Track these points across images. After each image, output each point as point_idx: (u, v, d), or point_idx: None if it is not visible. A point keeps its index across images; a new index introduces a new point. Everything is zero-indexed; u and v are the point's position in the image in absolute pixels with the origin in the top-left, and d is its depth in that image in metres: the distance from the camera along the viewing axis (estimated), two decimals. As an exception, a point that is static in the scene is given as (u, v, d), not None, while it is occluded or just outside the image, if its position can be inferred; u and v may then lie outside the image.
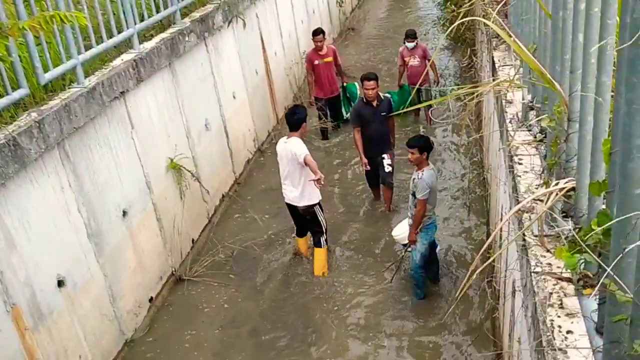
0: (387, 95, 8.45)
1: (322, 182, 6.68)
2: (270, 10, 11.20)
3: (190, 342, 6.31)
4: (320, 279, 7.07)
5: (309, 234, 7.34)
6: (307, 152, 6.69)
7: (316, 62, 10.29)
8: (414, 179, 6.24)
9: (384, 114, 8.01)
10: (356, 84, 10.64)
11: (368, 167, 8.03)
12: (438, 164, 9.03)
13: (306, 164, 6.60)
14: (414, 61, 10.39)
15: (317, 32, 10.33)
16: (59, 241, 5.17)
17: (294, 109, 7.25)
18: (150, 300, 6.65)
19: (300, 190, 6.86)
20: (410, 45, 10.38)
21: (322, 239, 7.13)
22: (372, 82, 7.86)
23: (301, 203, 6.96)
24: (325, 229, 7.15)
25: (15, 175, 4.59)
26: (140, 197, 6.47)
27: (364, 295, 6.79)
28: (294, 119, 6.88)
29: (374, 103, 7.97)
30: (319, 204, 7.02)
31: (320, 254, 7.16)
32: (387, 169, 8.06)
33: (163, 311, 6.74)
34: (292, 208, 7.15)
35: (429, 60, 10.15)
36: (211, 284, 7.10)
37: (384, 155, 8.05)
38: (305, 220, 7.19)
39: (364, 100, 8.05)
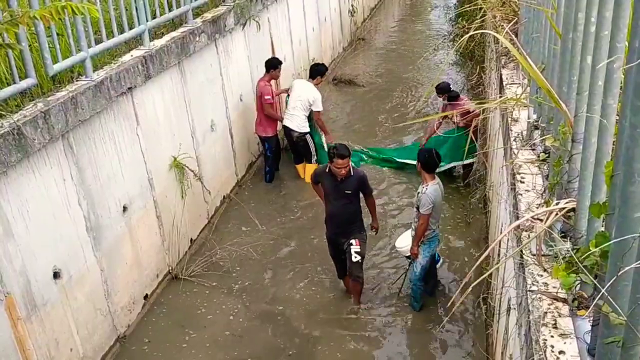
0: (359, 171, 6.56)
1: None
2: (282, 15, 11.23)
3: (182, 342, 6.29)
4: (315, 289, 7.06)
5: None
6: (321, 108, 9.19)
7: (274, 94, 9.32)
8: (418, 192, 6.23)
9: (349, 192, 6.36)
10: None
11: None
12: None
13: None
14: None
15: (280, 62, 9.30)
16: (57, 233, 5.17)
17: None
18: (145, 297, 6.64)
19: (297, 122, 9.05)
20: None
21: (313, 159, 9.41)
22: (345, 160, 6.18)
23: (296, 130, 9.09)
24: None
25: (18, 164, 4.60)
26: (141, 193, 6.47)
27: (366, 305, 6.79)
28: (315, 69, 9.34)
29: (339, 177, 6.28)
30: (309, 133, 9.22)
31: (309, 167, 9.23)
32: (355, 258, 6.48)
33: (157, 309, 6.72)
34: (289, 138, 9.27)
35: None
36: (207, 284, 7.09)
37: (352, 241, 6.48)
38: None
39: (327, 169, 6.41)
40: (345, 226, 6.49)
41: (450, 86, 9.23)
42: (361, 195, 6.50)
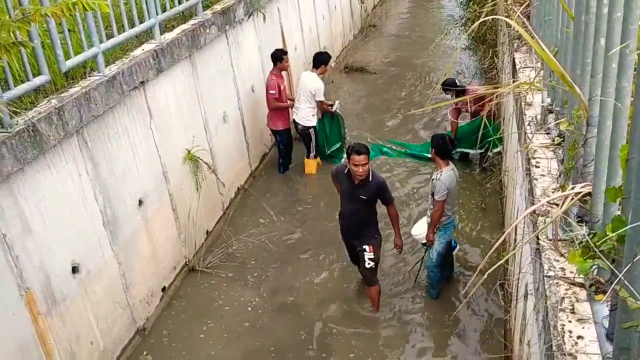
0: (378, 177, 6.18)
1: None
2: (291, 4, 11.19)
3: (201, 332, 6.35)
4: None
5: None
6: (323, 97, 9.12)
7: (282, 86, 9.09)
8: (432, 179, 6.21)
9: (364, 198, 6.07)
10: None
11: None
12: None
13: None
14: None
15: (285, 52, 9.14)
16: (75, 228, 5.22)
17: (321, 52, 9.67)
18: (163, 289, 6.70)
19: (302, 114, 9.09)
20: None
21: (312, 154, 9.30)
22: (362, 157, 5.84)
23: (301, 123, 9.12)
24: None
25: (34, 161, 4.64)
26: (156, 187, 6.51)
27: (383, 292, 6.77)
28: (318, 58, 9.19)
29: (356, 181, 6.01)
30: (314, 127, 9.16)
31: (307, 162, 9.40)
32: (368, 264, 6.25)
33: (175, 301, 6.78)
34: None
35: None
36: (224, 275, 7.13)
37: (365, 247, 6.21)
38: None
39: (346, 169, 6.12)
40: (355, 230, 6.27)
41: (456, 82, 8.99)
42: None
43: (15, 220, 4.51)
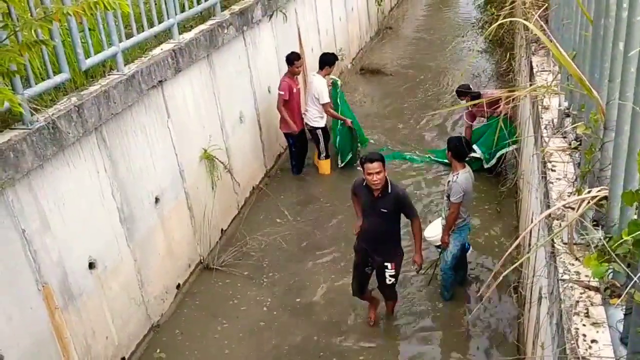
0: (398, 188, 5.87)
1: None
2: (309, 6, 11.22)
3: (214, 332, 6.38)
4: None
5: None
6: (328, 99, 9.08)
7: (294, 89, 8.98)
8: (448, 181, 6.20)
9: (385, 211, 5.76)
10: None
11: (355, 231, 6.18)
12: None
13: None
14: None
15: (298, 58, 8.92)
16: (92, 224, 5.28)
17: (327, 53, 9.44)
18: (178, 287, 6.75)
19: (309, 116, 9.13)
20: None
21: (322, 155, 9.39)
22: (376, 164, 5.55)
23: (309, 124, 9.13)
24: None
25: (53, 158, 4.70)
26: (173, 185, 6.56)
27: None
28: (322, 59, 9.17)
29: (375, 192, 5.74)
30: (322, 128, 9.19)
31: (322, 163, 9.47)
32: (389, 281, 6.12)
33: (190, 299, 6.83)
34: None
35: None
36: (238, 274, 7.17)
37: (387, 265, 6.01)
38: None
39: (364, 182, 5.80)
40: (377, 245, 5.96)
41: (470, 87, 9.00)
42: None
43: (34, 216, 4.57)
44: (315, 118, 9.17)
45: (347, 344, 6.17)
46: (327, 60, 9.20)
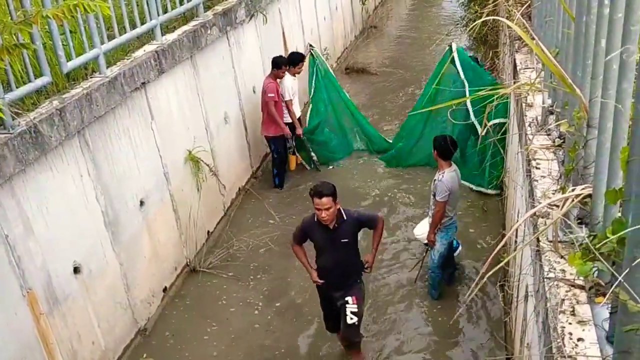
0: (352, 213, 5.37)
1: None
2: (293, 5, 11.20)
3: (204, 333, 6.35)
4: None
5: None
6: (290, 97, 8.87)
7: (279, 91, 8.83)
8: (434, 180, 6.21)
9: (346, 240, 5.31)
10: None
11: (319, 280, 5.56)
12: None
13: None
14: None
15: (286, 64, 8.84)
16: (76, 228, 5.23)
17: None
18: (164, 290, 6.71)
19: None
20: None
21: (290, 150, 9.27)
22: (325, 200, 5.08)
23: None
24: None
25: (35, 162, 4.65)
26: (157, 187, 6.52)
27: (383, 294, 6.81)
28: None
29: (330, 224, 5.26)
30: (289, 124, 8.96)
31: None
32: (351, 320, 5.45)
33: (176, 301, 6.79)
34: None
35: None
36: (225, 276, 7.14)
37: (348, 299, 5.45)
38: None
39: (315, 218, 5.32)
40: (341, 279, 5.49)
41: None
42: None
43: (17, 221, 4.52)
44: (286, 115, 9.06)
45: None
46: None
